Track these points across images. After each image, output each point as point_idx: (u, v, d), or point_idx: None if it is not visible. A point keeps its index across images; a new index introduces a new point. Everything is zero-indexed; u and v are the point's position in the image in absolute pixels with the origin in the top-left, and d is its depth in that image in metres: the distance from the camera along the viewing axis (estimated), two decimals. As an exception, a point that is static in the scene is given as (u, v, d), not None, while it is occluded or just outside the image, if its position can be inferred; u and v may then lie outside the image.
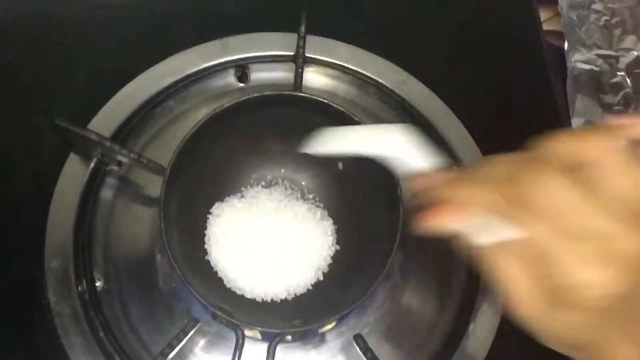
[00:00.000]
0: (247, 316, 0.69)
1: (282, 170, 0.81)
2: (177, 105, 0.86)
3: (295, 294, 0.75)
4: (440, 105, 0.88)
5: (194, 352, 0.75)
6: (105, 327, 0.75)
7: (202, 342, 0.75)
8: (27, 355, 0.73)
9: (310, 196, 0.81)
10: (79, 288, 0.75)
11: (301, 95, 0.76)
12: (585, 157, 0.44)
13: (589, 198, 0.43)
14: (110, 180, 0.81)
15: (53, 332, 0.73)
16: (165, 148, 0.70)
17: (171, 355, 0.71)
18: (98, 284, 0.77)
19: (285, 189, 0.81)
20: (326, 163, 0.79)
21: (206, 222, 0.77)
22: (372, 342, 0.75)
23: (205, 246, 0.76)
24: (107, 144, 0.75)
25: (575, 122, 0.92)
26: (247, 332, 0.73)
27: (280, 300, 0.75)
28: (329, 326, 0.77)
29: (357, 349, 0.74)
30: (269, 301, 0.74)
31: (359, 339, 0.75)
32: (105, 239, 0.79)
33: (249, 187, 0.81)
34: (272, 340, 0.71)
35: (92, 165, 0.80)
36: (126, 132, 0.83)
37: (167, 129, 0.84)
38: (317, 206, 0.80)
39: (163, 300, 0.77)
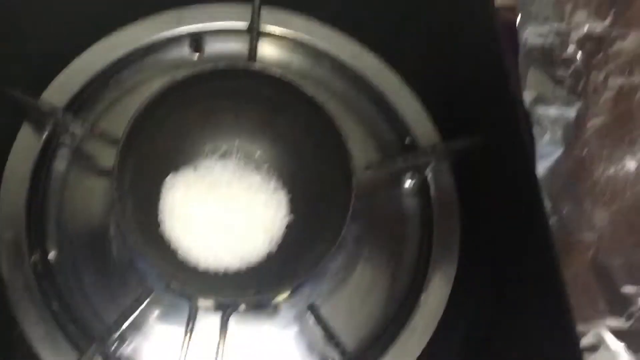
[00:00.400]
0: (200, 286, 0.69)
1: (237, 141, 0.81)
2: (131, 76, 0.86)
3: (248, 264, 0.75)
4: (394, 78, 0.89)
5: (148, 322, 0.75)
6: (58, 297, 0.74)
7: (156, 312, 0.75)
8: (-21, 325, 0.73)
9: (265, 167, 0.81)
10: (32, 259, 0.74)
11: (253, 69, 0.76)
12: None
13: None
14: (64, 151, 0.81)
15: (5, 303, 0.73)
16: (119, 119, 0.70)
17: (125, 325, 0.71)
18: (51, 254, 0.76)
19: (240, 160, 0.80)
20: (280, 134, 0.79)
21: (160, 193, 0.77)
22: (325, 312, 0.76)
23: (159, 217, 0.76)
24: (60, 114, 0.75)
25: (527, 95, 0.93)
26: (201, 303, 0.74)
27: (234, 271, 0.75)
28: (283, 296, 0.77)
29: (311, 319, 0.75)
30: (222, 272, 0.74)
31: (312, 308, 0.75)
32: (59, 210, 0.78)
33: (202, 158, 0.80)
34: (225, 310, 0.71)
35: (45, 135, 0.79)
36: (80, 102, 0.82)
37: (122, 100, 0.83)
38: (271, 177, 0.80)
39: (117, 270, 0.77)
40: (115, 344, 0.73)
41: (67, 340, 0.72)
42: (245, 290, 0.71)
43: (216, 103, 0.77)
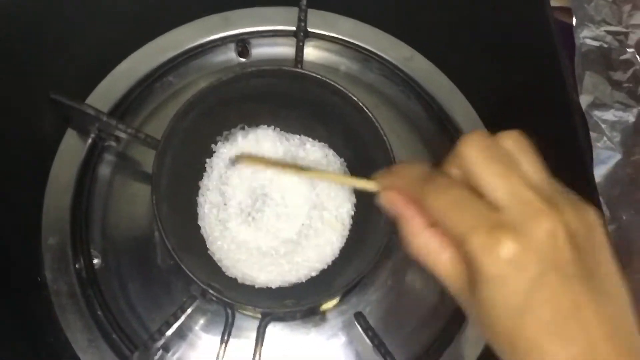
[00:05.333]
0: (238, 294, 0.68)
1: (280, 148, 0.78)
2: (176, 81, 0.85)
3: (293, 283, 0.73)
4: (446, 81, 0.87)
5: (193, 330, 0.74)
6: (102, 305, 0.74)
7: (201, 320, 0.74)
8: (23, 333, 0.73)
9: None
10: (77, 265, 0.74)
11: (298, 71, 0.74)
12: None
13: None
14: (108, 157, 0.80)
15: (50, 310, 0.72)
16: (164, 124, 0.68)
17: (168, 332, 0.70)
18: (95, 261, 0.76)
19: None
20: (323, 139, 0.77)
21: (197, 198, 0.75)
22: (374, 321, 0.74)
23: (199, 222, 0.74)
24: (105, 118, 0.74)
25: (584, 99, 0.90)
26: (240, 312, 0.73)
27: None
28: (329, 305, 0.76)
29: (358, 327, 0.73)
30: (264, 288, 0.73)
31: (359, 317, 0.74)
32: (103, 216, 0.78)
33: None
34: (262, 319, 0.70)
35: (89, 141, 0.79)
36: (124, 107, 0.82)
37: (167, 105, 0.83)
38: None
39: (161, 277, 0.76)
40: (159, 353, 0.72)
41: (110, 347, 0.72)
42: (284, 300, 0.69)
43: (257, 106, 0.76)
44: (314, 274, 0.73)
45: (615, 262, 0.47)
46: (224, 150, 0.76)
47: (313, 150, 0.76)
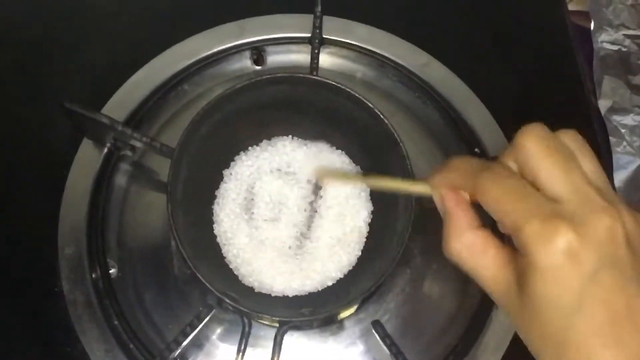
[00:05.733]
0: (254, 303, 0.67)
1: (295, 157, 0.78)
2: (191, 89, 0.85)
3: (310, 291, 0.73)
4: (463, 88, 0.86)
5: (210, 339, 0.74)
6: (119, 314, 0.74)
7: (218, 329, 0.74)
8: (39, 343, 0.73)
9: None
10: (93, 275, 0.74)
11: (312, 78, 0.74)
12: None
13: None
14: (124, 166, 0.80)
15: (66, 320, 0.72)
16: (179, 132, 0.68)
17: (185, 342, 0.70)
18: (112, 270, 0.76)
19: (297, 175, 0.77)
20: (338, 146, 0.77)
21: (213, 206, 0.75)
22: (391, 329, 0.74)
23: (215, 232, 0.74)
24: (120, 128, 0.74)
25: (602, 104, 0.89)
26: (257, 321, 0.72)
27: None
28: (347, 313, 0.75)
29: (376, 335, 0.73)
30: (280, 296, 0.72)
31: (377, 325, 0.73)
32: (119, 226, 0.78)
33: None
34: (280, 328, 0.70)
35: (105, 150, 0.79)
36: (140, 116, 0.82)
37: (182, 114, 0.82)
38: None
39: (178, 287, 0.76)
40: (176, 362, 0.72)
41: (127, 357, 0.72)
42: (300, 308, 0.69)
43: (273, 114, 0.75)
44: (330, 282, 0.72)
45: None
46: (244, 158, 0.76)
47: (330, 158, 0.76)
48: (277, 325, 0.71)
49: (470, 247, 0.48)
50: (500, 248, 0.47)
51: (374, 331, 0.73)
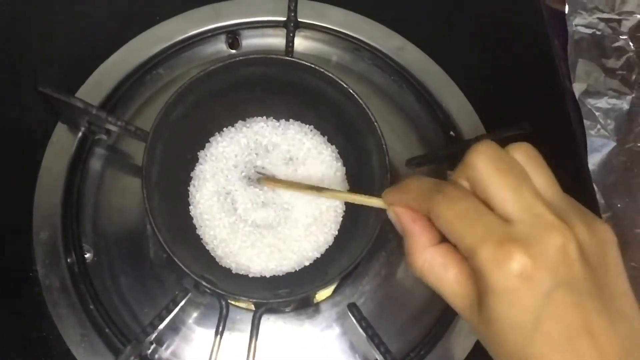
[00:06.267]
0: (232, 285, 0.67)
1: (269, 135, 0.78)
2: (167, 73, 0.84)
3: (286, 271, 0.73)
4: (439, 71, 0.87)
5: (186, 323, 0.74)
6: (94, 299, 0.74)
7: (194, 313, 0.74)
8: (15, 328, 0.73)
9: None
10: (68, 260, 0.74)
11: (286, 59, 0.73)
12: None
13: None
14: (99, 150, 0.80)
15: (42, 305, 0.72)
16: (154, 116, 0.68)
17: (161, 326, 0.69)
18: (87, 255, 0.76)
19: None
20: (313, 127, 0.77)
21: (188, 187, 0.74)
22: (367, 312, 0.73)
23: (191, 213, 0.73)
24: (94, 111, 0.73)
25: (577, 87, 0.90)
26: (234, 304, 0.72)
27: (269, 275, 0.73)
28: (324, 295, 0.76)
29: (352, 318, 0.73)
30: (258, 276, 0.72)
31: (353, 308, 0.73)
32: (95, 210, 0.78)
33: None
34: (257, 311, 0.70)
35: (80, 134, 0.78)
36: (115, 100, 0.81)
37: (157, 97, 0.82)
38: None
39: (154, 271, 0.76)
40: (151, 346, 0.72)
41: (103, 341, 0.72)
42: (277, 290, 0.68)
43: (248, 96, 0.75)
44: (307, 262, 0.72)
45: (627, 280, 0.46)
46: (219, 139, 0.75)
47: (306, 139, 0.76)
48: (254, 308, 0.72)
49: (431, 264, 0.48)
50: (461, 264, 0.47)
51: (350, 314, 0.73)
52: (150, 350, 0.72)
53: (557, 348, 0.42)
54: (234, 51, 0.87)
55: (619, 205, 0.86)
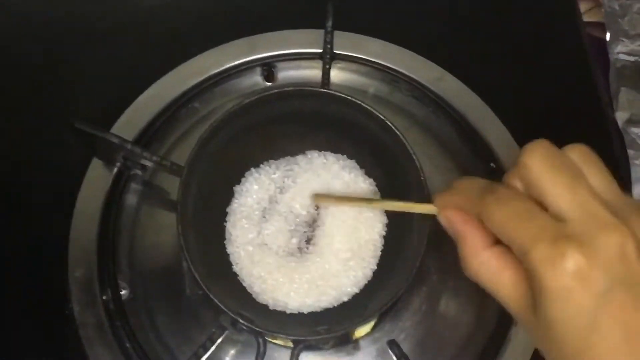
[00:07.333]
0: (270, 322, 0.66)
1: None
2: (202, 107, 0.84)
3: (324, 308, 0.72)
4: (478, 102, 0.85)
5: (223, 361, 0.73)
6: (131, 337, 0.73)
7: (232, 351, 0.73)
8: (51, 366, 0.72)
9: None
10: (104, 297, 0.73)
11: (322, 91, 0.72)
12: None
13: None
14: (135, 186, 0.80)
15: (78, 343, 0.71)
16: (190, 151, 0.68)
17: (198, 364, 0.69)
18: (123, 292, 0.75)
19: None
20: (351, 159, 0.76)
21: (225, 223, 0.74)
22: (407, 349, 0.72)
23: (227, 251, 0.73)
24: (130, 147, 0.73)
25: (620, 116, 0.88)
26: (273, 339, 0.71)
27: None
28: (363, 332, 0.74)
29: (392, 355, 0.72)
30: (295, 313, 0.71)
31: (393, 345, 0.72)
32: (130, 246, 0.77)
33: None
34: (295, 348, 0.68)
35: (115, 170, 0.78)
36: (150, 135, 0.81)
37: (193, 132, 0.82)
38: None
39: (190, 308, 0.75)
40: (189, 385, 0.71)
41: (139, 380, 0.71)
42: (316, 327, 0.67)
43: (284, 129, 0.74)
44: (345, 298, 0.71)
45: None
46: (255, 174, 0.75)
47: (344, 173, 0.75)
48: (292, 345, 0.70)
49: (486, 267, 0.47)
50: (516, 266, 0.45)
51: (390, 351, 0.72)
52: (188, 389, 0.71)
53: (616, 351, 0.41)
54: (269, 84, 0.86)
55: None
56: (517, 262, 0.45)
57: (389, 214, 0.73)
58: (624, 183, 0.84)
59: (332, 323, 0.67)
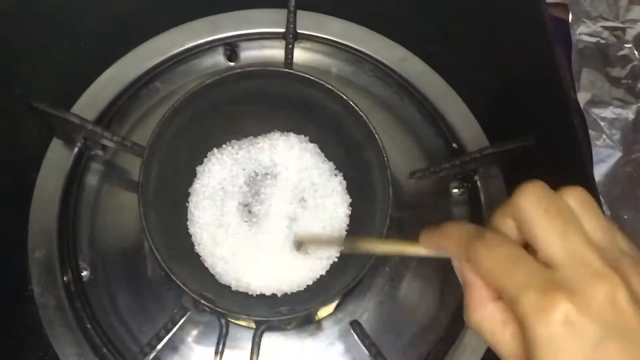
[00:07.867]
0: (232, 303, 0.66)
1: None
2: (164, 87, 0.83)
3: (289, 291, 0.71)
4: (441, 82, 0.85)
5: (185, 342, 0.73)
6: (91, 318, 0.73)
7: (194, 332, 0.73)
8: (10, 347, 0.71)
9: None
10: (64, 278, 0.73)
11: (284, 71, 0.72)
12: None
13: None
14: (96, 166, 0.79)
15: (38, 324, 0.71)
16: (151, 131, 0.67)
17: (159, 345, 0.69)
18: (84, 273, 0.75)
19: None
20: (312, 140, 0.76)
21: (187, 204, 0.73)
22: (370, 329, 0.73)
23: (189, 230, 0.72)
24: (90, 127, 0.73)
25: (581, 97, 0.88)
26: (234, 322, 0.71)
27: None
28: (325, 312, 0.74)
29: (355, 335, 0.72)
30: (257, 293, 0.71)
31: (356, 325, 0.72)
32: (91, 227, 0.76)
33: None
34: (257, 329, 0.68)
35: (75, 150, 0.77)
36: (111, 115, 0.80)
37: (154, 112, 0.81)
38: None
39: (152, 289, 0.75)
40: (150, 366, 0.71)
41: (100, 361, 0.71)
42: (278, 307, 0.67)
43: (245, 109, 0.74)
44: (310, 282, 0.71)
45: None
46: (218, 155, 0.74)
47: (301, 155, 0.74)
48: (255, 326, 0.70)
49: (490, 320, 0.46)
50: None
51: (352, 331, 0.72)
52: (148, 371, 0.71)
53: None
54: (232, 64, 0.86)
55: (625, 217, 0.84)
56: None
57: (352, 194, 0.73)
58: (585, 163, 0.85)
59: (295, 304, 0.67)
